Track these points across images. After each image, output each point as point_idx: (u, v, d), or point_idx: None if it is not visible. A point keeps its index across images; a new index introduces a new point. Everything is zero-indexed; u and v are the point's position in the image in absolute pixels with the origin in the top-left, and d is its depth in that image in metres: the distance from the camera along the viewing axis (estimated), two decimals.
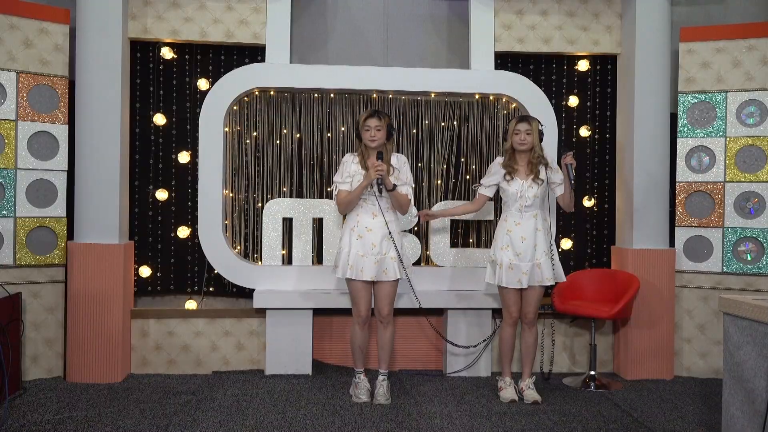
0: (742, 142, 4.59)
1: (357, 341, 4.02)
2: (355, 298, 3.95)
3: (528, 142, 3.97)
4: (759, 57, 4.58)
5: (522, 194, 3.96)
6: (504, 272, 3.95)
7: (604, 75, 5.02)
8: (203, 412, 3.72)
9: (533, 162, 3.99)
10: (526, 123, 3.98)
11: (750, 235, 4.57)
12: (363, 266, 3.86)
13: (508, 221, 4.00)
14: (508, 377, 4.12)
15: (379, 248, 3.89)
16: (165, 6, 4.59)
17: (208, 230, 4.56)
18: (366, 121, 3.91)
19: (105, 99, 4.35)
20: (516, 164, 4.02)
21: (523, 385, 4.10)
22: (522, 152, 4.01)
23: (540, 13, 4.83)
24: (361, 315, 3.96)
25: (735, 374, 2.88)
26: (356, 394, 4.00)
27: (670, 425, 3.66)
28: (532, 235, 3.95)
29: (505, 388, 4.08)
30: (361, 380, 4.03)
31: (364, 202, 3.93)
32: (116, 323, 4.37)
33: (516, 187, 3.97)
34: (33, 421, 3.54)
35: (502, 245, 3.98)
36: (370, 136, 3.89)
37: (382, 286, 3.94)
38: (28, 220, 4.31)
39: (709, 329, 4.66)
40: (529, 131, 3.97)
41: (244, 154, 4.81)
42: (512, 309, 4.04)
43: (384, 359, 4.04)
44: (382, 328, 4.01)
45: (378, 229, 3.90)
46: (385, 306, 3.95)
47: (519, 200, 3.96)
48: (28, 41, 4.31)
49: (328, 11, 4.99)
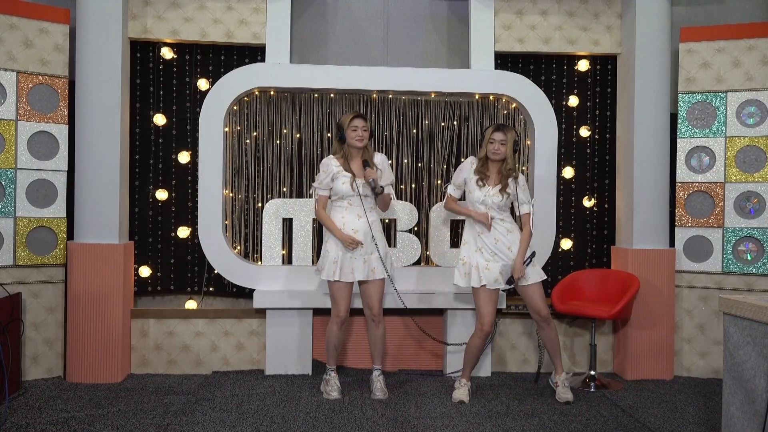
0: (742, 142, 4.59)
1: (333, 340, 4.06)
2: (337, 298, 3.98)
3: (501, 152, 3.92)
4: (759, 57, 4.58)
5: (484, 201, 3.94)
6: (482, 273, 3.92)
7: (604, 75, 5.02)
8: (203, 412, 3.72)
9: (503, 173, 3.96)
10: (501, 133, 3.92)
11: (750, 235, 4.57)
12: (353, 267, 3.92)
13: (477, 225, 3.97)
14: (465, 379, 4.09)
15: (366, 248, 3.94)
16: (165, 6, 4.59)
17: (208, 230, 4.56)
18: (353, 121, 3.94)
19: (105, 99, 4.35)
20: (488, 171, 3.99)
21: (558, 380, 4.09)
22: (495, 161, 3.98)
23: (540, 13, 4.83)
24: (340, 315, 3.99)
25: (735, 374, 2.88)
26: (327, 391, 4.06)
27: (670, 425, 3.66)
28: (505, 235, 3.94)
29: (458, 388, 4.05)
30: (332, 377, 4.09)
31: (349, 204, 3.96)
32: (116, 323, 4.37)
33: (483, 193, 3.94)
34: (33, 421, 3.54)
35: (476, 248, 3.96)
36: (357, 137, 3.93)
37: (371, 285, 3.99)
38: (28, 220, 4.31)
39: (709, 329, 4.66)
40: (504, 141, 3.91)
41: (244, 154, 4.81)
42: (486, 318, 3.94)
43: (377, 355, 4.11)
44: (374, 326, 4.05)
45: (363, 230, 3.94)
46: (376, 304, 4.01)
47: (480, 206, 3.94)
48: (28, 41, 4.31)
49: (328, 11, 5.00)
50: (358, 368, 4.64)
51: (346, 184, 3.93)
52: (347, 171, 3.95)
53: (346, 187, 3.93)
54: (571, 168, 5.01)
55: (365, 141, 3.96)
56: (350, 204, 3.96)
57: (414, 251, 4.71)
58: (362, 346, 4.63)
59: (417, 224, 4.77)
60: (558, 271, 4.94)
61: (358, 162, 3.98)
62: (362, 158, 3.97)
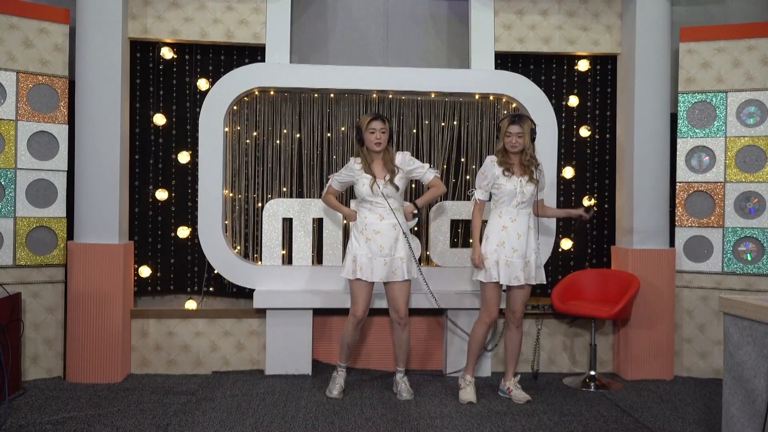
0: (742, 142, 4.59)
1: (347, 339, 4.06)
2: (356, 297, 3.97)
3: (519, 145, 3.93)
4: (759, 57, 4.58)
5: (520, 191, 3.93)
6: (501, 269, 3.90)
7: (604, 75, 5.02)
8: (203, 412, 3.72)
9: (524, 164, 3.97)
10: (518, 126, 3.91)
11: (750, 235, 4.57)
12: (373, 268, 3.90)
13: (503, 218, 3.95)
14: (470, 375, 4.07)
15: (388, 250, 3.91)
16: (165, 6, 4.59)
17: (208, 230, 4.56)
18: (370, 124, 3.92)
19: (105, 99, 4.35)
20: (510, 161, 3.99)
21: (510, 385, 4.09)
22: (514, 153, 3.99)
23: (540, 13, 4.83)
24: (357, 315, 3.97)
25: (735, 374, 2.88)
26: (329, 388, 4.06)
27: (670, 425, 3.66)
28: (526, 232, 3.94)
29: (464, 387, 4.03)
30: (339, 375, 4.09)
31: (372, 205, 3.95)
32: (116, 323, 4.37)
33: (514, 184, 3.94)
34: (33, 421, 3.54)
35: (498, 242, 3.93)
36: (375, 139, 3.91)
37: (395, 287, 3.96)
38: (27, 220, 4.30)
39: (709, 329, 4.66)
40: (521, 134, 3.91)
41: (244, 154, 4.81)
42: (493, 308, 3.98)
43: (401, 358, 4.11)
44: (400, 329, 4.03)
45: (386, 231, 3.92)
46: (402, 306, 3.97)
47: (516, 197, 3.93)
48: (28, 41, 4.31)
49: (328, 11, 4.99)
50: (359, 368, 4.64)
51: (366, 186, 3.92)
52: (368, 173, 3.93)
53: (365, 189, 3.92)
54: (571, 168, 5.01)
55: (383, 145, 3.93)
56: (372, 206, 3.95)
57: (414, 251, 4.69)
58: (365, 347, 4.63)
59: (417, 224, 4.77)
60: (558, 271, 4.93)
61: (380, 164, 3.96)
62: (383, 161, 3.95)
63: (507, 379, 4.12)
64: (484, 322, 4.04)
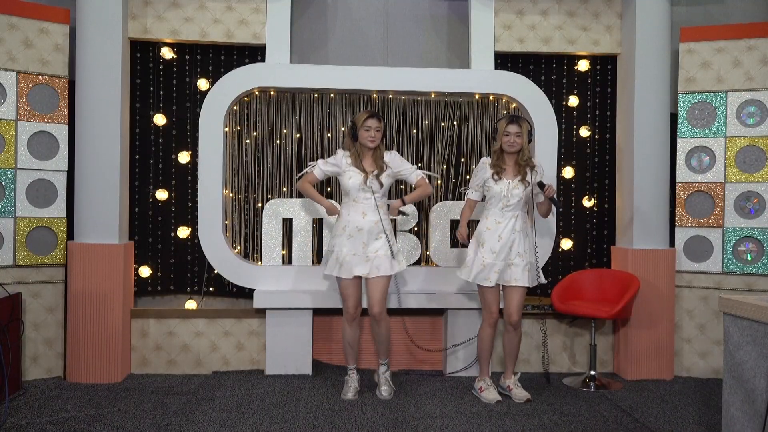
0: (742, 142, 4.59)
1: (348, 338, 4.08)
2: (344, 295, 4.01)
3: (517, 144, 3.95)
4: (759, 57, 4.58)
5: (507, 194, 3.94)
6: (476, 269, 3.95)
7: (604, 75, 5.02)
8: (203, 412, 3.72)
9: (521, 164, 3.98)
10: (516, 125, 3.94)
11: (750, 235, 4.57)
12: (353, 264, 3.91)
13: (489, 219, 3.99)
14: (488, 377, 4.11)
15: (370, 246, 3.94)
16: (165, 6, 4.59)
17: (208, 230, 4.56)
18: (366, 121, 3.95)
19: (105, 99, 4.35)
20: (504, 164, 4.01)
21: (510, 383, 4.10)
22: (511, 153, 4.00)
23: (540, 13, 4.83)
24: (349, 312, 4.01)
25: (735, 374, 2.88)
26: (343, 391, 4.06)
27: (670, 425, 3.66)
28: (509, 235, 3.94)
29: (486, 389, 4.06)
30: (350, 378, 4.09)
31: (354, 201, 3.96)
32: (116, 323, 4.37)
33: (502, 186, 3.96)
34: (33, 421, 3.54)
35: (480, 243, 3.98)
36: (370, 137, 3.94)
37: (373, 283, 3.97)
38: (28, 220, 4.30)
39: (709, 329, 4.66)
40: (519, 134, 3.94)
41: (244, 154, 4.81)
42: (493, 308, 4.01)
43: (382, 351, 4.10)
44: (375, 325, 4.03)
45: (368, 228, 3.94)
46: (376, 303, 3.96)
47: (503, 200, 3.95)
48: (28, 41, 4.31)
49: (328, 11, 5.00)
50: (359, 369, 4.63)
51: (353, 180, 3.94)
52: (357, 168, 3.96)
53: (353, 182, 3.94)
54: (571, 168, 5.01)
55: (377, 142, 3.98)
56: (355, 201, 3.96)
57: (414, 251, 4.71)
58: (366, 347, 4.63)
59: (417, 224, 4.77)
60: (558, 271, 4.94)
61: (369, 160, 4.00)
62: (373, 158, 3.99)
63: (507, 377, 4.13)
64: (487, 323, 4.07)
